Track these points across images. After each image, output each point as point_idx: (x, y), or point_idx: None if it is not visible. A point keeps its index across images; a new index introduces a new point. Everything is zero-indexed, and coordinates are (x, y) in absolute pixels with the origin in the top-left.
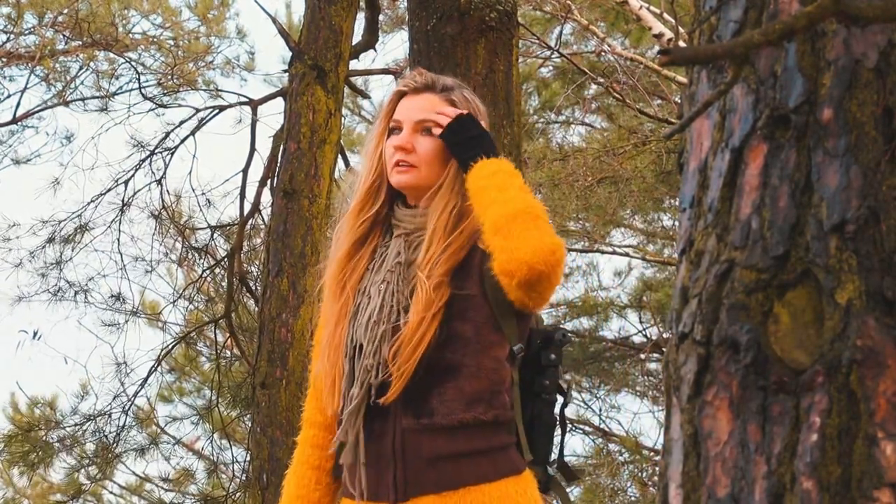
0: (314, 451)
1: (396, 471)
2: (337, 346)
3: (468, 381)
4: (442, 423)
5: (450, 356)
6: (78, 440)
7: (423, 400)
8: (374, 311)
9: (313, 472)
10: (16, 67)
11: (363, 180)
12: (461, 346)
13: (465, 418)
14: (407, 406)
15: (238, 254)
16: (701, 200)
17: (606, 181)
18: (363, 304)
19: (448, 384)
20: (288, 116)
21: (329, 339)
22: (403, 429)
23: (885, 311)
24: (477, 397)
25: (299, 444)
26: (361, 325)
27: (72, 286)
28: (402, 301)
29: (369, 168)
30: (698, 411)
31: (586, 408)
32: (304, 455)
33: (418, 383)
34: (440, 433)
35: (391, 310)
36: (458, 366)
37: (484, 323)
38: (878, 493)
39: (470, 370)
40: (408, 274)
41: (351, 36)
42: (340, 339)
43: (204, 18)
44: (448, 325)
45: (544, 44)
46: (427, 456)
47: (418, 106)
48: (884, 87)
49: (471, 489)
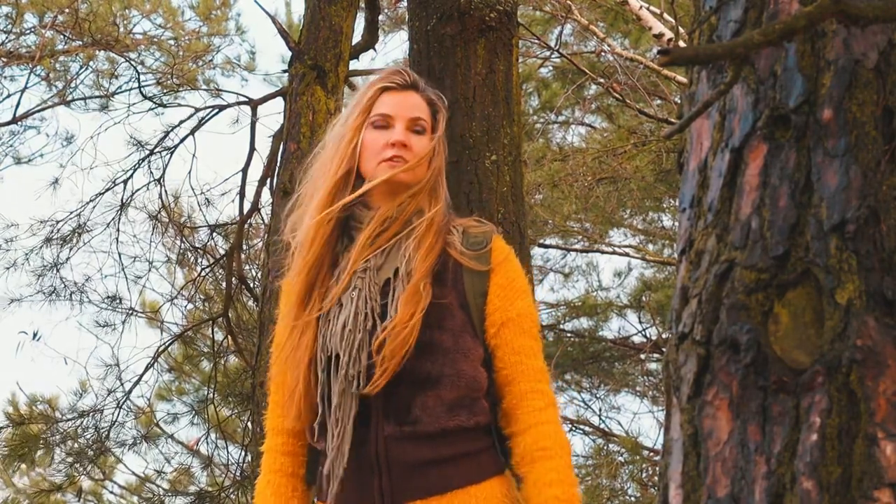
0: (286, 458)
1: (382, 478)
2: (302, 357)
3: (448, 390)
4: (426, 430)
5: (430, 366)
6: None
7: (405, 408)
8: (347, 320)
9: (289, 480)
10: (16, 67)
11: (330, 172)
12: (441, 356)
13: (449, 426)
14: (388, 414)
15: (237, 253)
16: (701, 200)
17: (606, 181)
18: (333, 312)
19: (429, 393)
20: (288, 116)
21: (293, 348)
22: (386, 436)
23: (885, 311)
24: (458, 404)
25: (267, 452)
26: (335, 335)
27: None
28: (376, 308)
29: (339, 160)
30: (698, 411)
31: (586, 408)
32: (277, 463)
33: (400, 392)
34: (424, 440)
35: (366, 317)
36: (438, 376)
37: (460, 331)
38: (878, 493)
39: (450, 379)
40: (378, 278)
41: (351, 36)
42: (307, 349)
43: (206, 19)
44: (426, 333)
45: (544, 44)
46: (412, 462)
47: (410, 104)
48: (884, 87)
49: (458, 492)
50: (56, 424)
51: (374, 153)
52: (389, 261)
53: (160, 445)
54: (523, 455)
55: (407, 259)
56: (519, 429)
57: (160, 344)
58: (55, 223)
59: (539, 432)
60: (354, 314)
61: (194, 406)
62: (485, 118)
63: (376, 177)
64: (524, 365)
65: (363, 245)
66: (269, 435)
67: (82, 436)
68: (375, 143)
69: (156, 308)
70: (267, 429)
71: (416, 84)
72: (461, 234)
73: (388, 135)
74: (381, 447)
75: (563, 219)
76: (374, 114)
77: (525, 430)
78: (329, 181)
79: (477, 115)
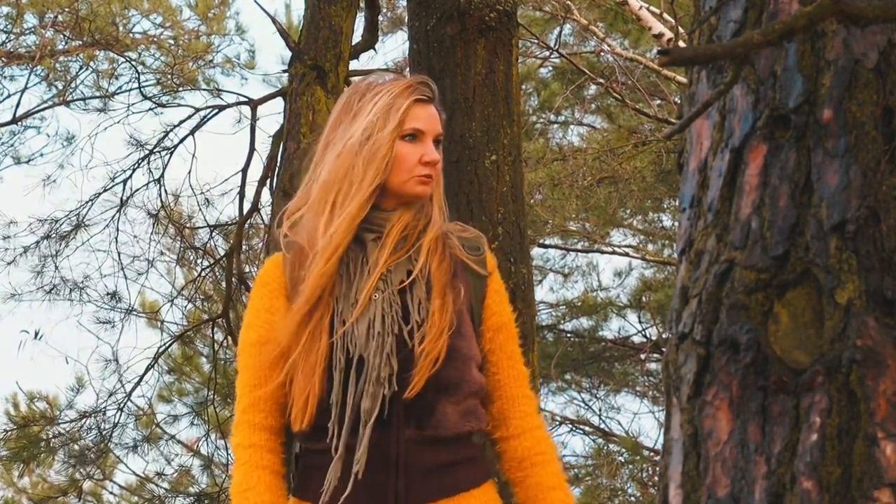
0: (272, 456)
1: (399, 481)
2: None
3: (463, 396)
4: (444, 434)
5: (452, 372)
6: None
7: (427, 413)
8: (373, 322)
9: (277, 479)
10: (16, 67)
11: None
12: (461, 362)
13: (463, 430)
14: (409, 418)
15: (237, 253)
16: (701, 200)
17: (606, 181)
18: (348, 314)
19: (450, 398)
20: (288, 116)
21: (304, 350)
22: (407, 439)
23: (885, 311)
24: (470, 409)
25: (250, 447)
26: (360, 337)
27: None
28: (399, 312)
29: (374, 173)
30: (698, 411)
31: (586, 408)
32: (265, 460)
33: (424, 397)
34: (441, 444)
35: (392, 320)
36: (458, 381)
37: (471, 336)
38: (878, 493)
39: (467, 384)
40: (395, 280)
41: (351, 36)
42: (322, 352)
43: (204, 18)
44: (451, 339)
45: (544, 44)
46: (429, 466)
47: (436, 118)
48: (884, 87)
49: (464, 495)
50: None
51: (407, 168)
52: (399, 265)
53: (161, 447)
54: (521, 459)
55: (421, 264)
56: (512, 433)
57: (160, 344)
58: (54, 221)
59: (535, 437)
60: (381, 317)
61: (193, 407)
62: (485, 118)
63: (405, 191)
64: (515, 370)
65: (389, 250)
66: (250, 430)
67: (83, 438)
68: (409, 158)
69: (155, 308)
70: (247, 423)
71: (436, 96)
72: (456, 239)
73: (420, 150)
74: (401, 450)
75: (563, 219)
76: (407, 127)
77: (520, 435)
78: (362, 193)
79: (477, 115)
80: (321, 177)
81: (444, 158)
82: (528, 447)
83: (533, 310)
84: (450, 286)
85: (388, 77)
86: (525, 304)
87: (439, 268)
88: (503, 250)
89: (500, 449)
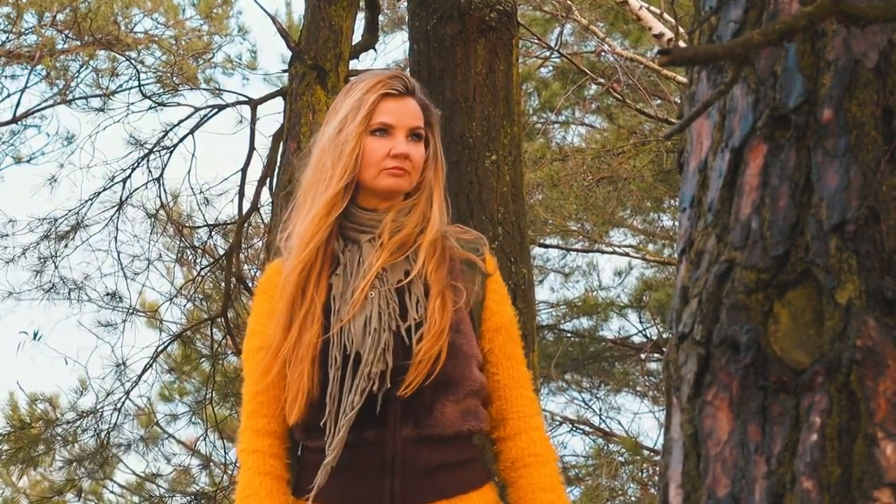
0: (275, 461)
1: (394, 480)
2: (305, 353)
3: (463, 395)
4: (442, 434)
5: (451, 370)
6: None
7: (425, 411)
8: (369, 319)
9: (280, 484)
10: (16, 67)
11: (333, 181)
12: (461, 361)
13: (462, 430)
14: (407, 416)
15: (236, 253)
16: (701, 200)
17: (606, 181)
18: (344, 311)
19: (449, 397)
20: (288, 116)
21: (293, 347)
22: (403, 438)
23: (885, 311)
24: (470, 409)
25: (254, 453)
26: (356, 334)
27: (66, 283)
28: (396, 309)
29: (342, 169)
30: (698, 411)
31: (586, 408)
32: (267, 466)
33: (422, 395)
34: (438, 444)
35: (389, 316)
36: (458, 380)
37: (471, 336)
38: (878, 493)
39: (467, 383)
40: (391, 279)
41: (351, 36)
42: (310, 346)
43: (207, 17)
44: (450, 337)
45: (544, 44)
46: (426, 465)
47: (409, 112)
48: (884, 87)
49: (462, 497)
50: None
51: (375, 162)
52: (397, 265)
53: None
54: (514, 460)
55: (419, 265)
56: (509, 434)
57: (160, 344)
58: (54, 220)
59: (531, 438)
60: (378, 314)
61: (192, 406)
62: (485, 118)
63: (377, 186)
64: (515, 371)
65: (387, 250)
66: (253, 436)
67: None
68: (376, 152)
69: (155, 308)
70: (251, 429)
71: (414, 89)
72: (455, 241)
73: (389, 143)
74: (398, 448)
75: (563, 219)
76: (375, 121)
77: (516, 435)
78: (331, 190)
79: (477, 114)
80: (305, 178)
81: (444, 158)
82: (522, 448)
83: (533, 310)
84: (449, 287)
85: (369, 74)
86: (526, 304)
87: (438, 269)
88: (503, 250)
89: (497, 449)
